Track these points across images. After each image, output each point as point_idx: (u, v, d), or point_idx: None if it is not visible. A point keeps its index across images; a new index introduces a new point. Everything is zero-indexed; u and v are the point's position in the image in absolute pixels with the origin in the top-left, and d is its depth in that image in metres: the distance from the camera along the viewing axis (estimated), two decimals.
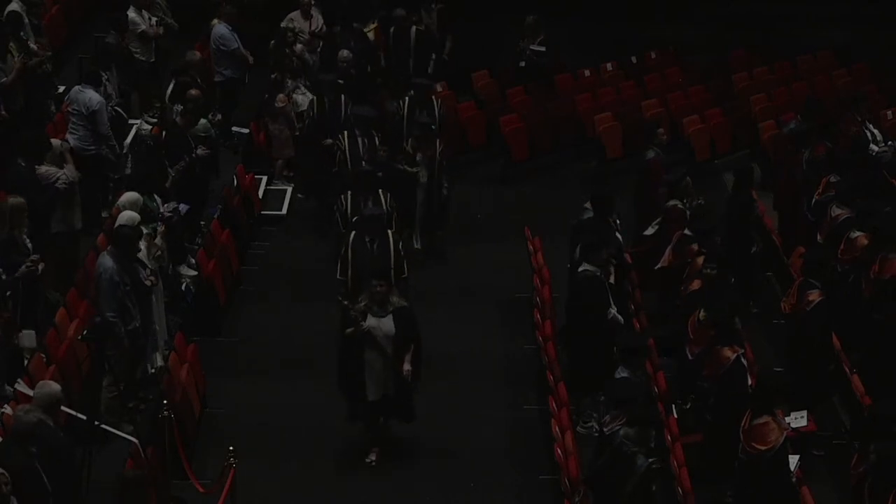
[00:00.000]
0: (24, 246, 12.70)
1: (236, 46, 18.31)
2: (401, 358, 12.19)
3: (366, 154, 15.88)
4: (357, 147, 15.97)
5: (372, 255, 13.28)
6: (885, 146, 18.41)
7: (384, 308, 12.13)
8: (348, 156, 15.93)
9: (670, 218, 15.29)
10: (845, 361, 13.74)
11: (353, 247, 13.38)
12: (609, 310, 13.66)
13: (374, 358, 12.16)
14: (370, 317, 12.08)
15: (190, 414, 12.99)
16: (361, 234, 13.45)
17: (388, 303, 12.14)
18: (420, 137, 16.40)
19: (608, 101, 20.75)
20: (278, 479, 12.16)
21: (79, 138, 15.44)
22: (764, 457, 11.28)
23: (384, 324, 12.12)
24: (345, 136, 16.06)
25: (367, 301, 12.13)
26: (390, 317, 12.13)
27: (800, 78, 21.99)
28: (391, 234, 13.65)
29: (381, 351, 12.11)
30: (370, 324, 12.06)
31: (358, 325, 12.04)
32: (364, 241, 13.38)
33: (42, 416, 10.35)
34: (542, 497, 12.57)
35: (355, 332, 12.07)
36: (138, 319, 12.84)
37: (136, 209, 13.40)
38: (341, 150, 16.00)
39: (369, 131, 16.21)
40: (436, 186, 16.37)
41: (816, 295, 13.48)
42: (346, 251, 13.40)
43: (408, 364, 12.21)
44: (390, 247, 13.43)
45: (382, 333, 12.09)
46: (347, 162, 15.88)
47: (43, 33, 17.11)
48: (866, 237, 14.64)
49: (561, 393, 13.03)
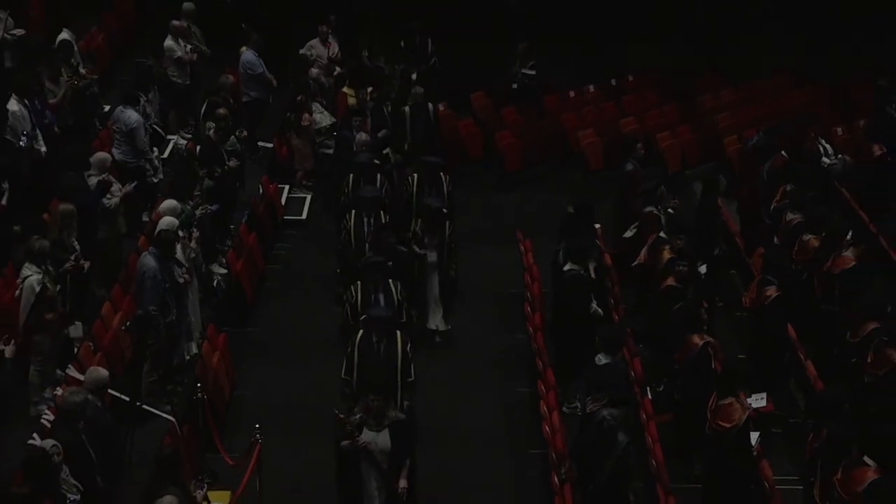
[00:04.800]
0: (72, 247, 12.72)
1: (262, 71, 18.31)
2: (396, 474, 10.48)
3: (370, 235, 14.26)
4: (362, 227, 14.33)
5: (379, 356, 11.56)
6: (836, 159, 18.42)
7: (380, 422, 10.40)
8: (353, 236, 14.36)
9: (646, 222, 15.29)
10: (800, 349, 13.77)
11: (359, 347, 11.59)
12: (591, 304, 13.77)
13: (369, 472, 10.48)
14: (366, 430, 10.39)
15: (221, 396, 13.03)
16: (369, 334, 11.67)
17: (384, 417, 10.42)
18: (429, 220, 14.63)
19: (591, 119, 20.69)
20: (299, 453, 12.16)
21: (122, 153, 15.46)
22: (728, 433, 11.30)
23: (380, 438, 10.39)
24: (351, 216, 14.49)
25: (362, 414, 10.43)
26: (386, 431, 10.40)
27: (760, 99, 21.96)
28: (399, 335, 11.75)
29: (377, 466, 10.44)
30: (366, 438, 10.36)
31: (354, 439, 10.38)
32: (371, 340, 11.60)
33: (89, 397, 10.43)
34: (532, 469, 12.56)
35: (352, 447, 10.41)
36: (174, 313, 12.88)
37: (174, 215, 13.42)
38: (347, 229, 14.47)
39: (375, 211, 14.47)
40: (444, 268, 14.68)
41: (773, 291, 13.52)
42: (352, 351, 11.62)
43: (404, 481, 10.51)
44: (398, 349, 11.62)
45: (378, 449, 10.38)
46: (352, 242, 14.33)
47: (90, 59, 17.15)
48: (817, 239, 14.70)
49: (549, 377, 13.06)
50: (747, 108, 21.46)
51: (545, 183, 19.54)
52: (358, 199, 14.56)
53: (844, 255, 14.24)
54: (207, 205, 14.57)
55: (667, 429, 12.50)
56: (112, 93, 17.61)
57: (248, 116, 18.07)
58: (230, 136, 16.01)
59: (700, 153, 20.52)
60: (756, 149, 17.65)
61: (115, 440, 10.80)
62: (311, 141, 18.04)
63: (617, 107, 21.34)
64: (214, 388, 12.79)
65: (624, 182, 16.71)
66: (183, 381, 13.03)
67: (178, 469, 10.30)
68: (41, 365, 12.12)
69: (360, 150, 15.82)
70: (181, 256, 13.20)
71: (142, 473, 10.83)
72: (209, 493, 11.12)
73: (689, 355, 12.52)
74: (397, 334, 11.72)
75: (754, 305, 13.73)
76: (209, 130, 15.95)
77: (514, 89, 20.86)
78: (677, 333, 12.81)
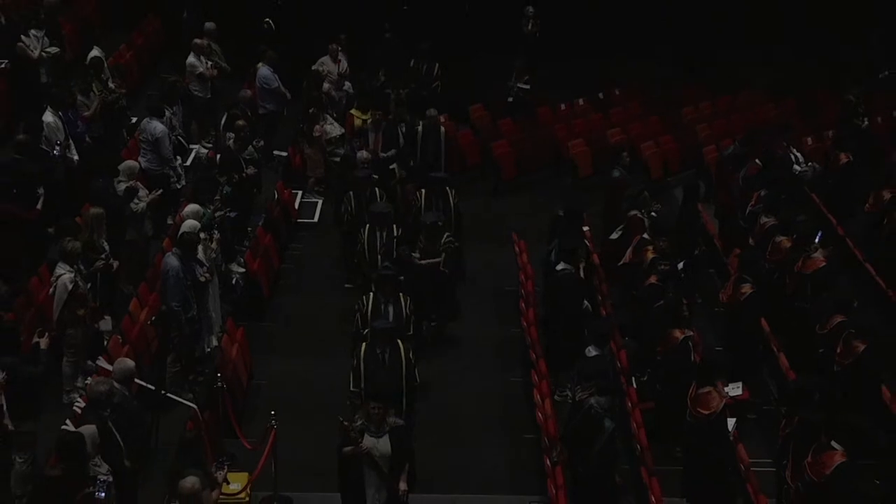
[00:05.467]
0: (102, 248, 12.70)
1: (277, 85, 18.32)
2: (396, 477, 10.33)
3: (383, 247, 14.11)
4: (375, 240, 14.15)
5: (383, 365, 11.42)
6: (806, 167, 18.42)
7: (381, 428, 10.24)
8: (367, 249, 14.18)
9: (631, 225, 15.29)
10: (773, 342, 13.78)
11: (364, 358, 11.44)
12: (581, 300, 13.75)
13: (370, 475, 10.32)
14: (367, 436, 10.22)
15: (239, 385, 13.04)
16: (373, 345, 11.55)
17: (384, 423, 10.24)
18: (430, 230, 14.32)
19: (580, 130, 20.67)
20: (311, 437, 12.14)
21: (148, 161, 15.44)
22: (707, 420, 11.30)
23: (381, 444, 10.22)
24: (365, 230, 14.28)
25: (364, 420, 10.28)
26: (387, 437, 10.24)
27: (736, 111, 21.95)
28: (402, 344, 11.58)
29: (378, 470, 10.28)
30: (367, 444, 10.20)
31: (356, 444, 10.21)
32: (376, 351, 11.45)
33: (116, 386, 10.42)
34: (526, 452, 12.58)
35: (353, 452, 10.23)
36: (195, 308, 12.86)
37: (196, 218, 13.42)
38: (361, 243, 14.25)
39: (387, 226, 14.27)
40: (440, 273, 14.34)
41: (748, 288, 13.52)
42: (357, 363, 11.45)
43: (403, 483, 10.36)
44: (401, 358, 11.44)
45: (379, 453, 10.22)
46: (366, 254, 14.17)
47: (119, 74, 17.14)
48: (788, 241, 14.70)
49: (541, 367, 13.07)
50: (724, 120, 21.46)
51: (538, 189, 19.54)
52: (371, 215, 14.37)
53: (815, 256, 14.25)
54: (227, 209, 14.56)
55: (650, 415, 12.51)
56: (139, 105, 17.57)
57: (265, 127, 18.03)
58: (248, 145, 16.02)
59: (681, 161, 20.53)
60: (732, 157, 17.67)
61: (142, 426, 10.77)
62: (322, 150, 18.05)
63: (604, 118, 21.34)
64: (233, 377, 12.81)
65: (611, 187, 16.73)
66: (204, 371, 13.01)
67: (200, 452, 10.33)
68: (73, 356, 12.08)
69: (361, 166, 15.71)
70: (202, 256, 13.18)
71: (166, 456, 10.83)
72: (228, 474, 11.12)
73: (671, 348, 12.54)
74: (399, 343, 11.54)
75: (731, 302, 13.72)
76: (229, 140, 15.97)
77: (510, 102, 20.88)
78: (660, 327, 12.82)
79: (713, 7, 22.31)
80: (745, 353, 13.53)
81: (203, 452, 10.39)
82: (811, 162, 18.72)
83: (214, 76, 17.94)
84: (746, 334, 13.62)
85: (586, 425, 11.05)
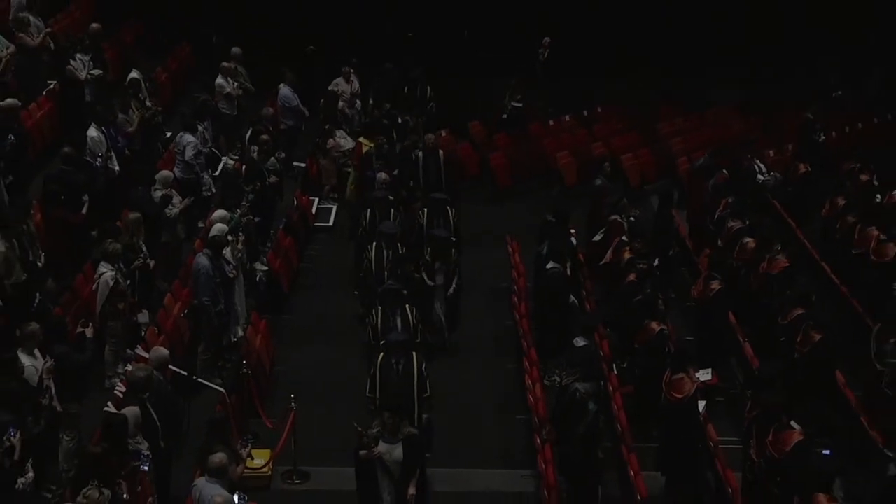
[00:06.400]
0: (140, 249, 12.73)
1: (296, 104, 18.32)
2: (407, 482, 10.03)
3: (388, 264, 13.65)
4: (382, 257, 13.69)
5: (397, 375, 11.10)
6: (768, 176, 18.40)
7: (395, 436, 9.95)
8: (374, 265, 13.70)
9: (612, 228, 15.27)
10: (739, 332, 13.75)
11: (380, 368, 11.12)
12: (567, 296, 13.72)
13: (383, 479, 10.06)
14: (382, 442, 9.96)
15: (262, 371, 13.03)
16: (388, 356, 11.21)
17: (398, 431, 9.97)
18: (438, 248, 13.98)
19: (567, 143, 20.66)
20: (327, 418, 12.14)
21: (181, 170, 15.45)
22: (680, 403, 11.28)
23: (394, 450, 9.95)
24: (372, 247, 13.85)
25: (379, 428, 10.03)
26: (400, 444, 9.96)
27: (706, 126, 21.92)
28: (416, 355, 11.26)
29: (390, 475, 9.99)
30: (381, 449, 9.94)
31: (371, 450, 9.96)
32: (391, 362, 11.14)
33: (153, 373, 10.41)
34: (518, 431, 12.56)
35: (368, 456, 9.98)
36: (223, 302, 12.88)
37: (224, 222, 13.41)
38: (369, 259, 13.81)
39: (393, 244, 13.88)
40: (445, 288, 14.02)
41: (717, 284, 13.50)
42: (374, 371, 11.16)
43: (412, 489, 10.04)
44: (413, 368, 11.11)
45: (392, 459, 9.94)
46: (373, 270, 13.68)
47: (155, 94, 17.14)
48: (754, 242, 14.67)
49: (532, 356, 13.06)
50: (696, 134, 21.42)
51: (529, 196, 19.51)
52: (379, 234, 13.97)
53: (779, 258, 14.18)
54: (251, 214, 14.53)
55: (629, 399, 12.50)
56: (173, 122, 17.57)
57: (285, 141, 18.04)
58: (270, 157, 16.01)
59: (657, 171, 20.53)
60: (703, 168, 17.63)
61: (176, 408, 10.78)
62: (335, 161, 18.02)
63: (588, 133, 21.31)
64: (257, 364, 12.79)
65: (594, 195, 16.71)
66: (231, 358, 13.01)
67: (227, 431, 10.30)
68: (114, 346, 12.08)
69: (379, 187, 15.31)
70: (230, 256, 13.18)
71: (197, 435, 10.82)
72: (252, 451, 11.14)
73: (648, 338, 12.53)
74: (413, 355, 11.24)
75: (701, 297, 13.69)
76: (253, 153, 15.96)
77: (504, 118, 20.83)
78: (638, 320, 12.80)
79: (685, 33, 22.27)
80: (714, 342, 13.51)
81: (230, 431, 10.37)
82: (773, 172, 18.68)
83: (240, 95, 17.93)
84: (715, 326, 13.59)
85: (572, 407, 11.02)
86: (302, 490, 11.58)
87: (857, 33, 22.38)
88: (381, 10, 21.94)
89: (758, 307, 13.88)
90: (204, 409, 11.40)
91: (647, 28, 22.45)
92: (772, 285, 13.86)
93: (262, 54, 19.42)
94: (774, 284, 13.84)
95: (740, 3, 22.60)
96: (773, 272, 13.97)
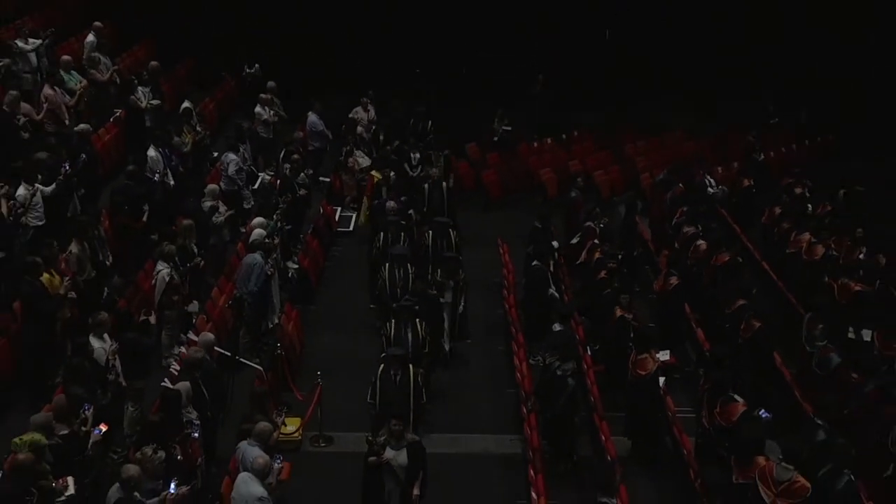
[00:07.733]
0: (192, 251, 12.75)
1: (322, 129, 18.31)
2: (411, 484, 9.54)
3: (400, 282, 12.93)
4: (395, 277, 12.92)
5: (395, 385, 10.57)
6: (717, 189, 18.42)
7: (400, 442, 9.51)
8: (387, 283, 12.94)
9: (586, 233, 15.29)
10: (693, 320, 13.78)
11: (381, 378, 10.59)
12: (549, 289, 13.76)
13: (389, 482, 9.59)
14: (388, 449, 9.51)
15: (294, 353, 13.00)
16: (388, 368, 10.66)
17: (403, 438, 9.53)
18: (448, 267, 13.34)
19: (548, 161, 20.59)
20: (347, 391, 12.11)
21: (226, 184, 15.40)
22: (644, 379, 11.34)
23: (399, 456, 9.48)
24: (385, 268, 13.08)
25: (386, 436, 9.55)
26: (405, 450, 9.51)
27: (664, 148, 21.89)
28: (412, 368, 10.73)
29: (396, 478, 9.53)
30: (388, 455, 9.49)
31: (379, 456, 9.51)
32: (390, 373, 10.60)
33: (204, 355, 10.46)
34: (507, 403, 12.54)
35: (376, 462, 9.52)
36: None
37: (262, 228, 13.43)
38: (383, 278, 13.06)
39: (404, 265, 13.10)
40: (455, 305, 13.32)
41: (675, 280, 13.54)
42: (375, 380, 10.61)
43: (417, 490, 9.54)
44: (410, 380, 10.60)
45: (397, 464, 9.48)
46: (387, 288, 12.95)
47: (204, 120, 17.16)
48: (705, 245, 14.70)
49: (519, 339, 13.07)
50: (655, 154, 21.35)
51: (517, 206, 19.42)
52: (391, 255, 13.34)
53: (722, 253, 14.24)
54: (285, 221, 14.54)
55: (601, 375, 12.51)
56: (219, 143, 17.56)
57: (313, 160, 18.03)
58: (300, 173, 16.00)
59: (624, 185, 20.46)
60: (662, 182, 17.69)
61: (221, 384, 10.79)
62: (355, 177, 18.03)
63: (566, 152, 21.25)
64: (289, 347, 12.77)
65: (570, 205, 16.73)
66: (268, 342, 13.00)
67: (265, 403, 10.30)
68: (170, 331, 12.11)
69: (389, 213, 14.66)
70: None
71: (239, 407, 10.84)
72: (286, 419, 11.14)
73: (616, 325, 12.54)
74: (410, 367, 10.70)
75: (661, 290, 13.74)
76: (286, 170, 15.94)
77: (496, 140, 20.81)
78: (607, 309, 12.82)
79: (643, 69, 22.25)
80: (673, 328, 13.53)
81: (267, 403, 10.38)
82: (721, 186, 18.70)
83: (275, 122, 17.94)
84: (673, 315, 13.62)
85: (554, 383, 11.06)
86: (327, 451, 11.59)
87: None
88: (390, 43, 21.82)
89: (708, 299, 13.91)
90: (245, 385, 11.40)
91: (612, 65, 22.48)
92: (718, 276, 13.89)
93: (294, 87, 19.43)
94: (720, 275, 13.87)
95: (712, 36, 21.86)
96: (719, 264, 14.05)
